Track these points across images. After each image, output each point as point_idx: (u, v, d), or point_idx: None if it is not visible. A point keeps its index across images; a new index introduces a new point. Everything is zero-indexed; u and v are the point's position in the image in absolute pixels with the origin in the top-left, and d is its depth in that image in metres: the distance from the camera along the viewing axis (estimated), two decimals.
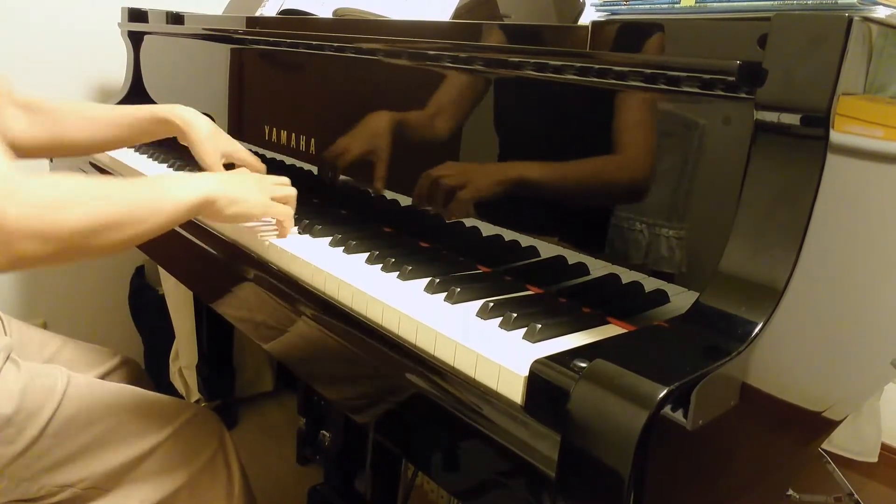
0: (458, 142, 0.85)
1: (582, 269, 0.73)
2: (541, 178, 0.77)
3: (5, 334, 0.95)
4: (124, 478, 0.86)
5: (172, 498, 0.88)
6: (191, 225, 0.99)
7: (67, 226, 0.63)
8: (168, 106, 1.02)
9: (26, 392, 0.80)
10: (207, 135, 0.99)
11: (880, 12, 0.55)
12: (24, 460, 0.79)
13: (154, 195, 0.72)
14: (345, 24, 1.10)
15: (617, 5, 0.68)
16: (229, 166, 1.01)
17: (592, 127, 0.72)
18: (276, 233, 0.88)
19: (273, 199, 0.86)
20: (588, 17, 0.78)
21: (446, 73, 0.85)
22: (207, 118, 1.02)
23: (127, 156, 1.34)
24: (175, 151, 1.28)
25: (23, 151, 0.98)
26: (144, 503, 0.86)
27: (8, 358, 0.83)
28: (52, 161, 1.48)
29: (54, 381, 0.84)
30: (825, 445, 1.39)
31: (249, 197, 0.82)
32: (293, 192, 0.89)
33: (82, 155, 1.05)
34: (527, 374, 0.54)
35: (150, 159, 1.33)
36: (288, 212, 0.87)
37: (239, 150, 1.02)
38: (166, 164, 1.29)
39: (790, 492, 1.39)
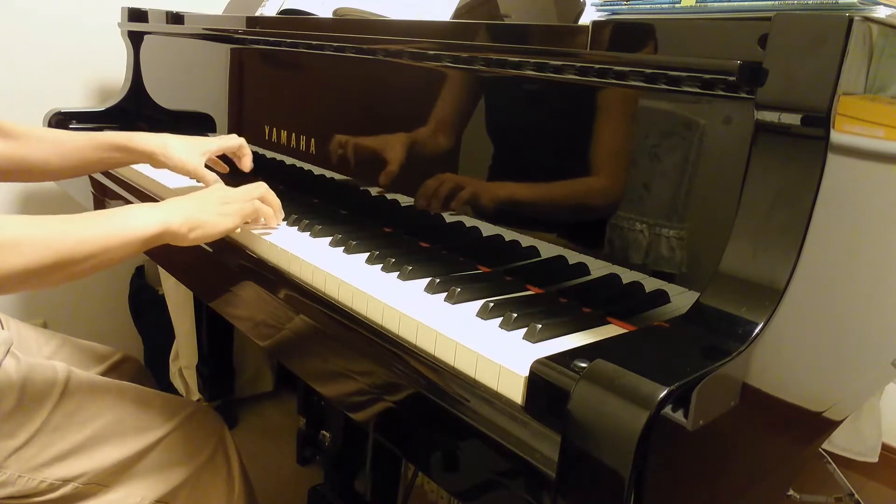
0: (457, 141, 0.85)
1: (582, 269, 0.73)
2: (539, 178, 0.76)
3: (3, 328, 0.96)
4: (124, 474, 0.86)
5: (173, 494, 0.89)
6: None
7: (4, 271, 0.63)
8: (127, 133, 1.02)
9: (27, 386, 0.81)
10: (177, 149, 0.99)
11: (881, 12, 0.55)
12: (25, 454, 0.80)
13: (106, 231, 0.71)
14: (345, 24, 1.10)
15: (617, 5, 0.68)
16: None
17: (592, 126, 0.72)
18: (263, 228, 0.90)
19: (246, 209, 0.86)
20: (588, 17, 0.78)
21: (446, 72, 0.85)
22: (169, 134, 1.02)
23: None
24: None
25: None
26: (145, 500, 0.87)
27: (8, 352, 0.83)
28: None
29: (55, 376, 0.84)
30: (825, 445, 1.39)
31: (210, 219, 0.81)
32: (266, 207, 0.89)
33: (47, 180, 1.06)
34: (527, 374, 0.54)
35: None
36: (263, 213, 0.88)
37: (214, 145, 1.03)
38: None
39: (790, 492, 1.39)
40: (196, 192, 0.85)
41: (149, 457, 0.88)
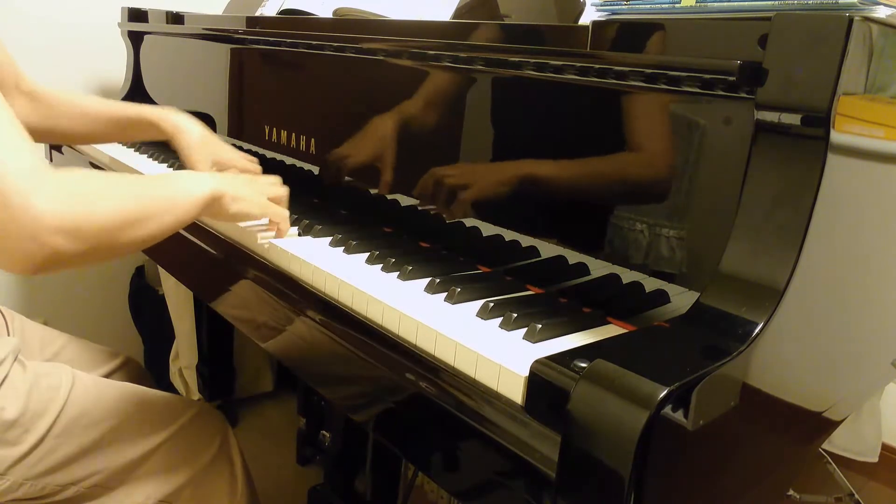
0: (457, 142, 0.85)
1: (582, 269, 0.73)
2: (540, 178, 0.76)
3: (9, 334, 0.96)
4: (129, 475, 0.86)
5: (176, 494, 0.89)
6: (191, 225, 0.99)
7: (97, 220, 0.62)
8: (160, 109, 1.01)
9: (32, 393, 0.81)
10: (198, 141, 0.98)
11: (881, 12, 0.55)
12: (29, 460, 0.79)
13: (170, 191, 0.72)
14: (345, 24, 1.10)
15: (617, 5, 0.68)
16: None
17: (592, 127, 0.72)
18: (273, 233, 0.88)
19: (268, 199, 0.85)
20: (588, 16, 0.78)
21: (446, 73, 0.85)
22: (200, 123, 1.01)
23: (126, 155, 1.34)
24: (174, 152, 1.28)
25: None
26: (149, 500, 0.87)
27: (15, 360, 0.83)
28: (52, 154, 1.48)
29: (59, 381, 0.84)
30: (825, 445, 1.39)
31: (248, 195, 0.81)
32: (285, 191, 0.89)
33: (71, 144, 1.07)
34: (527, 374, 0.54)
35: (150, 159, 1.33)
36: (284, 213, 0.86)
37: (233, 157, 1.00)
38: (166, 164, 1.29)
39: (790, 492, 1.39)
40: (224, 173, 0.86)
41: (152, 458, 0.88)
